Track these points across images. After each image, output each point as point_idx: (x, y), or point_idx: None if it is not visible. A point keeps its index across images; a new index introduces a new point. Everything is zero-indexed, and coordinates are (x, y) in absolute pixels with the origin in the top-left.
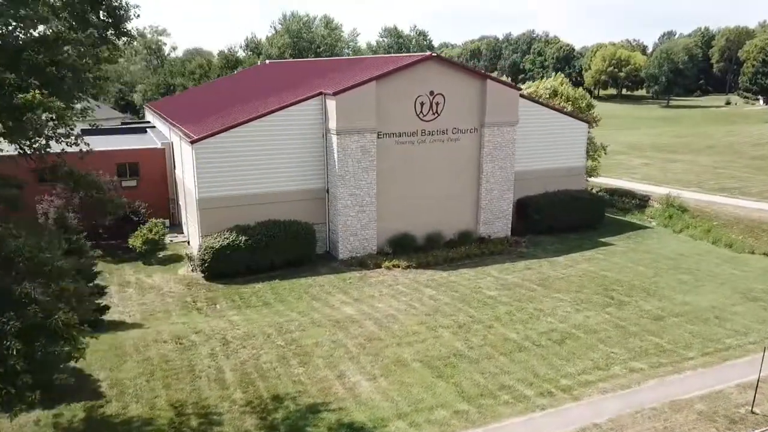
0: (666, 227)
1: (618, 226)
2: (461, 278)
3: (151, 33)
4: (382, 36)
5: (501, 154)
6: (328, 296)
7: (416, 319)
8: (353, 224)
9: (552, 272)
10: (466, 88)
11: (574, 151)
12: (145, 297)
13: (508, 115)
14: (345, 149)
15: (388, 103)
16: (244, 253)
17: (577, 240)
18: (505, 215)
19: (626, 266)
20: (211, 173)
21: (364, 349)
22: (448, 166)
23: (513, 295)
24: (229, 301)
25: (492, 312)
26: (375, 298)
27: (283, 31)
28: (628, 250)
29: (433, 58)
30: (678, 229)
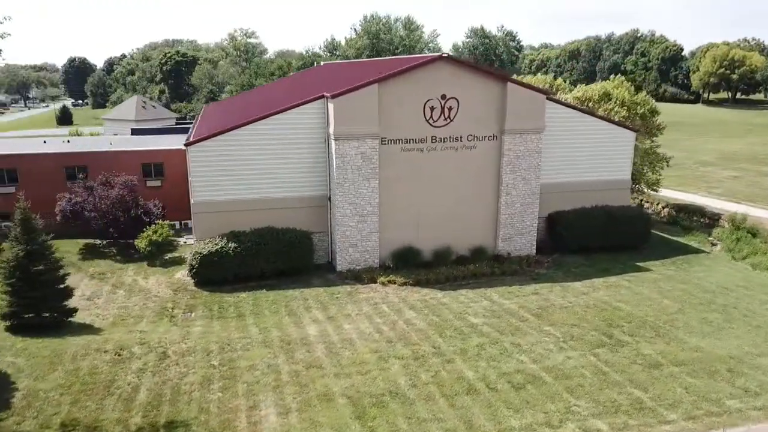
0: (729, 252)
1: (667, 249)
2: (454, 301)
3: (240, 36)
4: (468, 37)
5: (524, 164)
6: (305, 312)
7: (374, 346)
8: (353, 235)
9: (559, 300)
10: (483, 91)
11: (617, 163)
12: (130, 300)
13: (532, 121)
14: (344, 156)
15: (393, 107)
16: (233, 260)
17: (609, 262)
18: (528, 231)
19: (649, 298)
20: (206, 177)
21: (297, 377)
22: (462, 176)
23: (497, 325)
24: (206, 310)
25: (462, 344)
26: (349, 317)
27: (363, 32)
28: (662, 278)
29: (444, 59)
30: (741, 256)
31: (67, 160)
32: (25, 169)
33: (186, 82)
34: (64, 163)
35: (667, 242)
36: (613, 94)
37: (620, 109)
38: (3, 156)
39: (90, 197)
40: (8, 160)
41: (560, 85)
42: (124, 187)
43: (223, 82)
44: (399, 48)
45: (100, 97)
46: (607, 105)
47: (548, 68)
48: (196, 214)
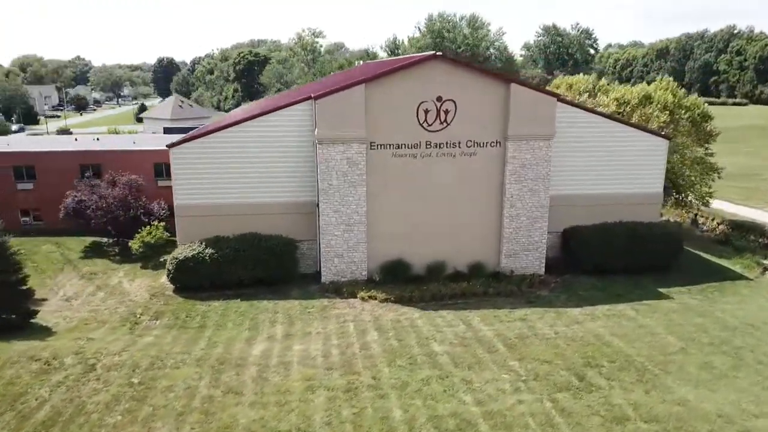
0: None
1: (702, 272)
2: (428, 323)
3: (308, 35)
4: (540, 35)
5: (531, 173)
6: (267, 327)
7: (310, 372)
8: (339, 244)
9: (545, 329)
10: (483, 93)
11: (646, 174)
12: (106, 303)
13: (540, 126)
14: (328, 160)
15: (383, 109)
16: (209, 266)
17: (625, 286)
18: (536, 248)
19: (652, 332)
20: (189, 180)
21: (210, 403)
22: (461, 185)
23: (458, 356)
24: (171, 318)
25: (407, 376)
26: (307, 336)
27: (426, 31)
28: (680, 308)
29: (439, 59)
30: None
31: (82, 158)
32: (43, 167)
33: (257, 81)
34: (79, 162)
35: (706, 264)
36: (654, 97)
37: (660, 113)
38: (22, 153)
39: (92, 195)
40: (27, 157)
41: (603, 86)
42: (126, 186)
43: (291, 81)
44: (461, 47)
45: (182, 95)
46: (646, 109)
47: (633, 68)
48: (178, 218)
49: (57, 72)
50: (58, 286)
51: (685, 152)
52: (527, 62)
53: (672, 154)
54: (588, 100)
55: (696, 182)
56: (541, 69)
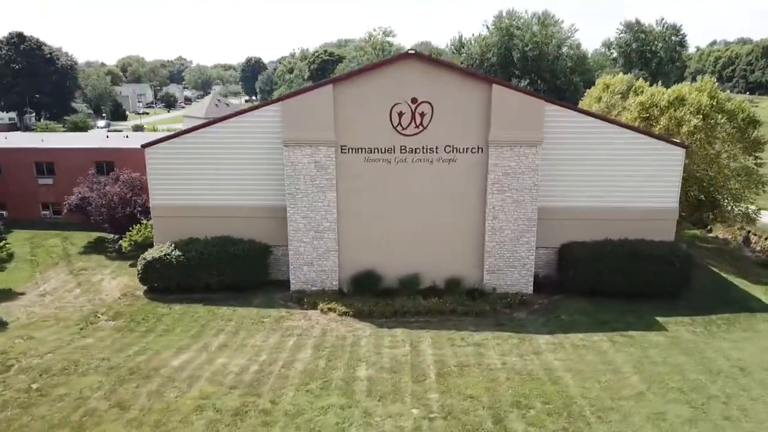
0: None
1: (720, 300)
2: (374, 342)
3: (379, 34)
4: (622, 32)
5: (515, 183)
6: (210, 335)
7: (213, 390)
8: (308, 252)
9: (494, 358)
10: (463, 95)
11: (658, 187)
12: (78, 300)
13: (526, 132)
14: (295, 164)
15: (354, 111)
16: (175, 269)
17: (618, 312)
18: (522, 264)
19: (617, 370)
20: (164, 180)
21: (90, 417)
22: (438, 194)
23: (379, 383)
24: (127, 320)
25: (308, 403)
26: (241, 349)
27: (494, 29)
28: (666, 343)
29: (413, 57)
30: None
31: (96, 155)
32: (62, 163)
33: None
34: (94, 158)
35: (730, 291)
36: (687, 99)
37: (692, 117)
38: (43, 150)
39: (93, 192)
40: (48, 154)
41: (640, 86)
42: (126, 183)
43: None
44: (529, 45)
45: (266, 93)
46: (677, 112)
47: (736, 67)
48: (154, 218)
49: (153, 71)
50: (44, 280)
51: (725, 162)
52: (607, 61)
53: (710, 164)
54: (620, 102)
55: (739, 196)
56: (620, 68)
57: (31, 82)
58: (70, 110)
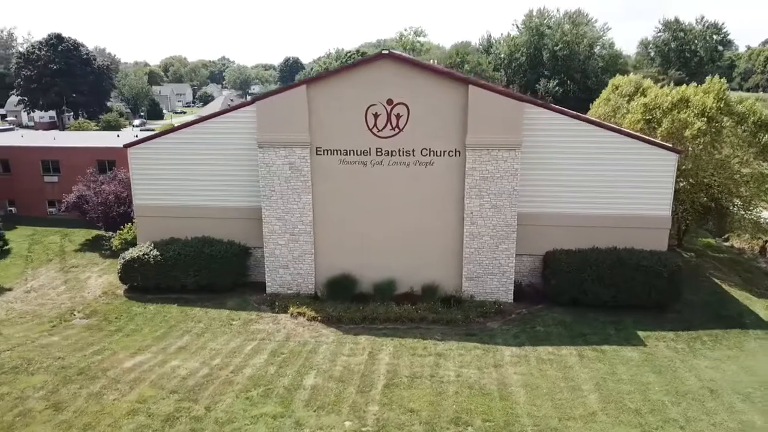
0: None
1: (714, 314)
2: (333, 350)
3: (410, 34)
4: (660, 31)
5: (494, 187)
6: (175, 337)
7: (151, 394)
8: (283, 255)
9: (450, 370)
10: (439, 96)
11: (650, 194)
12: (60, 297)
13: (504, 134)
14: (270, 165)
15: (330, 112)
16: (152, 268)
17: (598, 325)
18: (502, 272)
19: (575, 388)
20: (146, 180)
21: (23, 417)
22: (416, 198)
23: (322, 393)
24: (100, 319)
25: (244, 411)
26: (199, 351)
27: (524, 28)
28: (639, 360)
29: (387, 57)
30: None
31: (99, 154)
32: (66, 162)
33: None
34: (96, 157)
35: (724, 305)
36: (692, 101)
37: (696, 119)
38: (49, 149)
39: (90, 190)
40: (53, 152)
41: (648, 86)
42: (122, 182)
43: None
44: (559, 45)
45: None
46: (680, 114)
47: None
48: (137, 218)
49: (194, 71)
50: (34, 276)
51: (736, 167)
52: (644, 60)
53: (718, 169)
54: (626, 104)
55: (749, 204)
56: (657, 68)
57: (68, 82)
58: (106, 109)
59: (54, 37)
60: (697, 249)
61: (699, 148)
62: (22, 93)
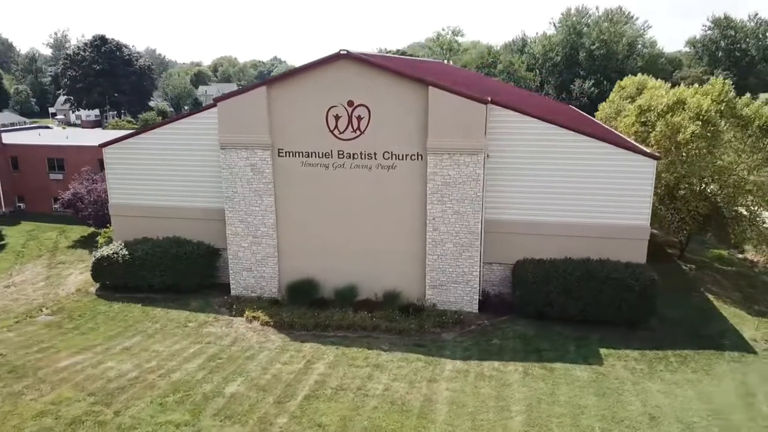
0: None
1: (692, 333)
2: (273, 357)
3: (447, 33)
4: (709, 29)
5: (456, 193)
6: (129, 337)
7: (69, 395)
8: (246, 257)
9: (380, 383)
10: (399, 98)
11: (626, 202)
12: (36, 293)
13: (466, 138)
14: (232, 167)
15: (291, 114)
16: (121, 267)
17: (559, 340)
18: (466, 281)
19: (504, 408)
20: (121, 180)
21: None
22: (378, 202)
23: (238, 401)
24: (62, 315)
25: (149, 417)
26: (142, 353)
27: (561, 27)
28: (588, 380)
29: (348, 58)
30: None
31: (99, 153)
32: (71, 160)
33: None
34: (98, 156)
35: (706, 322)
36: (688, 103)
37: (691, 123)
38: (54, 147)
39: (83, 188)
40: (58, 151)
41: (652, 86)
42: None
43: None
44: (595, 44)
45: None
46: (674, 118)
47: None
48: (113, 217)
49: (242, 71)
50: (20, 272)
51: (743, 174)
52: (692, 59)
53: (717, 175)
54: (626, 105)
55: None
56: (704, 67)
57: (110, 82)
58: (148, 108)
59: (98, 38)
60: (703, 261)
61: (693, 152)
62: (68, 93)
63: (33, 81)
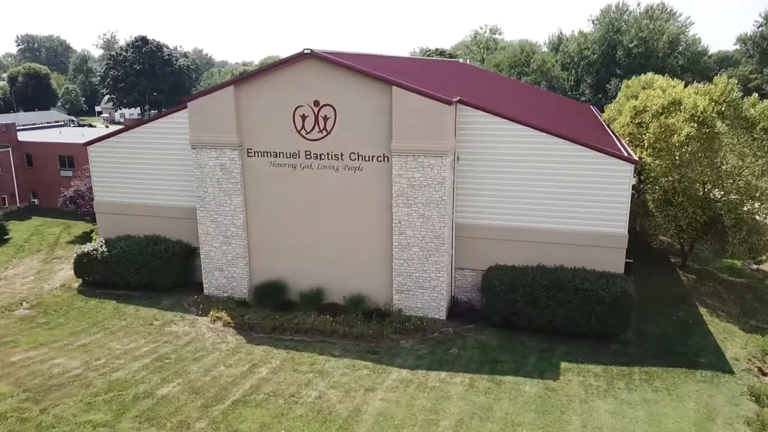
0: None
1: (662, 350)
2: (223, 358)
3: (485, 32)
4: (759, 25)
5: (422, 196)
6: (93, 334)
7: (5, 391)
8: (218, 257)
9: (316, 390)
10: (364, 98)
11: (603, 208)
12: (23, 287)
13: (430, 140)
14: (202, 166)
15: (258, 114)
16: (99, 264)
17: (521, 353)
18: (433, 286)
19: (434, 423)
20: (104, 178)
21: None
22: (345, 203)
23: (160, 404)
24: (40, 310)
25: (71, 416)
26: (96, 350)
27: (599, 24)
28: (534, 397)
29: (311, 57)
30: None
31: None
32: (79, 157)
33: None
34: None
35: (686, 338)
36: (684, 103)
37: (689, 126)
38: (64, 145)
39: (83, 186)
40: (68, 148)
41: (661, 86)
42: None
43: None
44: (633, 41)
45: None
46: (669, 119)
47: None
48: (97, 214)
49: None
50: (15, 266)
51: (750, 179)
52: (743, 57)
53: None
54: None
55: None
56: (755, 66)
57: (150, 81)
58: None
59: (139, 39)
60: (709, 271)
61: (686, 156)
62: (111, 92)
63: (83, 80)
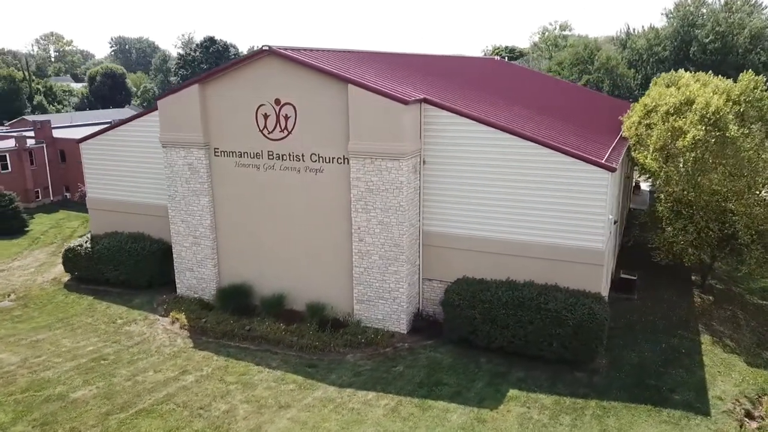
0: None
1: (635, 383)
2: (161, 362)
3: (554, 28)
4: None
5: (380, 202)
6: (56, 329)
7: None
8: (188, 257)
9: (230, 403)
10: (323, 96)
11: (578, 220)
12: (19, 279)
13: (388, 141)
14: (172, 165)
15: (224, 112)
16: (83, 260)
17: (469, 375)
18: (393, 297)
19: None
20: (96, 175)
21: None
22: (307, 206)
23: (67, 408)
24: (22, 304)
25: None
26: (49, 346)
27: (673, 17)
28: (455, 428)
29: (271, 54)
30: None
31: None
32: None
33: None
34: None
35: (666, 370)
36: (696, 102)
37: (696, 127)
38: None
39: None
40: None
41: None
42: None
43: None
44: (709, 36)
45: None
46: (676, 122)
47: None
48: (90, 210)
49: None
50: (23, 257)
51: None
52: None
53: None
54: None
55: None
56: None
57: None
58: None
59: (207, 39)
60: (735, 292)
61: (689, 163)
62: None
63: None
